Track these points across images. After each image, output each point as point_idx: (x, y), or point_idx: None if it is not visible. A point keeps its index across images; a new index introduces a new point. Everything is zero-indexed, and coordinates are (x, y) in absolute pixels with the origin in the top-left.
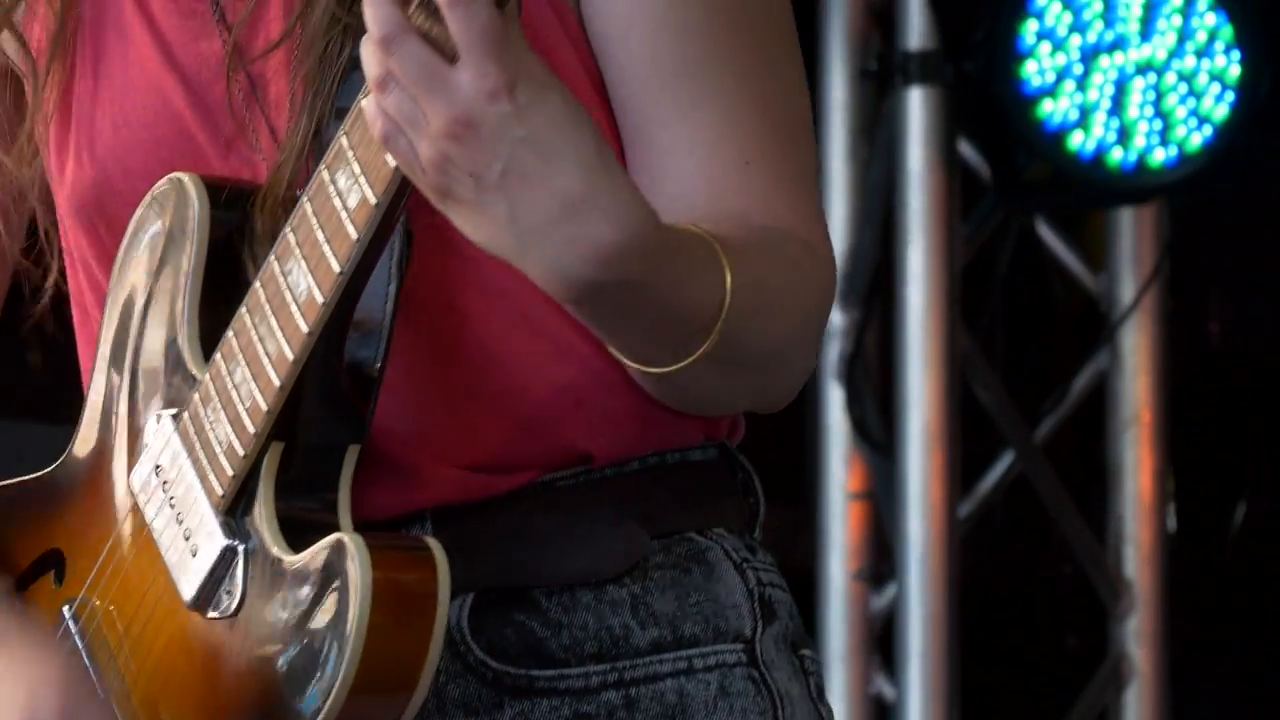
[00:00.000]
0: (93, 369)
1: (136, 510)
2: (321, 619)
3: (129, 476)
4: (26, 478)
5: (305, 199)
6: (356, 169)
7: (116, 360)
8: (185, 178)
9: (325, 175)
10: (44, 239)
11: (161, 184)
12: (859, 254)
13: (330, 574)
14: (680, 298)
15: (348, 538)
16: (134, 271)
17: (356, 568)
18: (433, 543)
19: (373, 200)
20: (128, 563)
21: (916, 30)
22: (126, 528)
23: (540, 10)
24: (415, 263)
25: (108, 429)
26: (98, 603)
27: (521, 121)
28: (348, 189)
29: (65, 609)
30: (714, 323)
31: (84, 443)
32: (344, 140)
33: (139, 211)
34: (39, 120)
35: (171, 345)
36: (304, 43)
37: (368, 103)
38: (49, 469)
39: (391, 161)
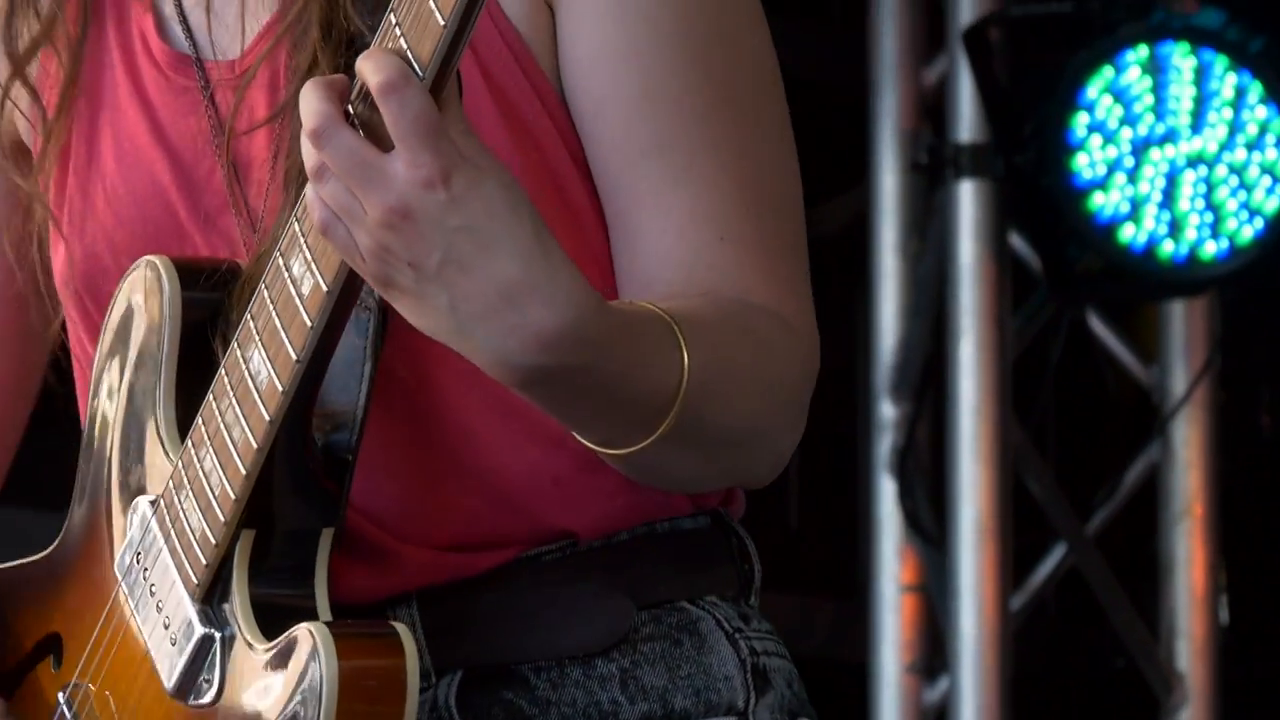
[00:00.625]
0: (80, 448)
1: (121, 596)
2: (294, 708)
3: (113, 561)
4: (27, 559)
5: (263, 285)
6: (308, 255)
7: (100, 442)
8: (158, 260)
9: (280, 261)
10: (44, 291)
11: (135, 266)
12: (910, 347)
13: (299, 663)
14: (633, 378)
15: (313, 627)
16: (113, 354)
17: (322, 657)
18: (400, 627)
19: (324, 287)
20: (116, 648)
21: (967, 123)
22: (113, 613)
23: (519, 86)
24: (389, 342)
25: (95, 511)
26: (91, 687)
27: (458, 210)
28: (301, 276)
29: (60, 695)
30: (672, 403)
31: (75, 524)
32: (296, 226)
33: (117, 293)
34: (41, 177)
35: (148, 429)
36: (288, 129)
37: (308, 191)
38: (48, 550)
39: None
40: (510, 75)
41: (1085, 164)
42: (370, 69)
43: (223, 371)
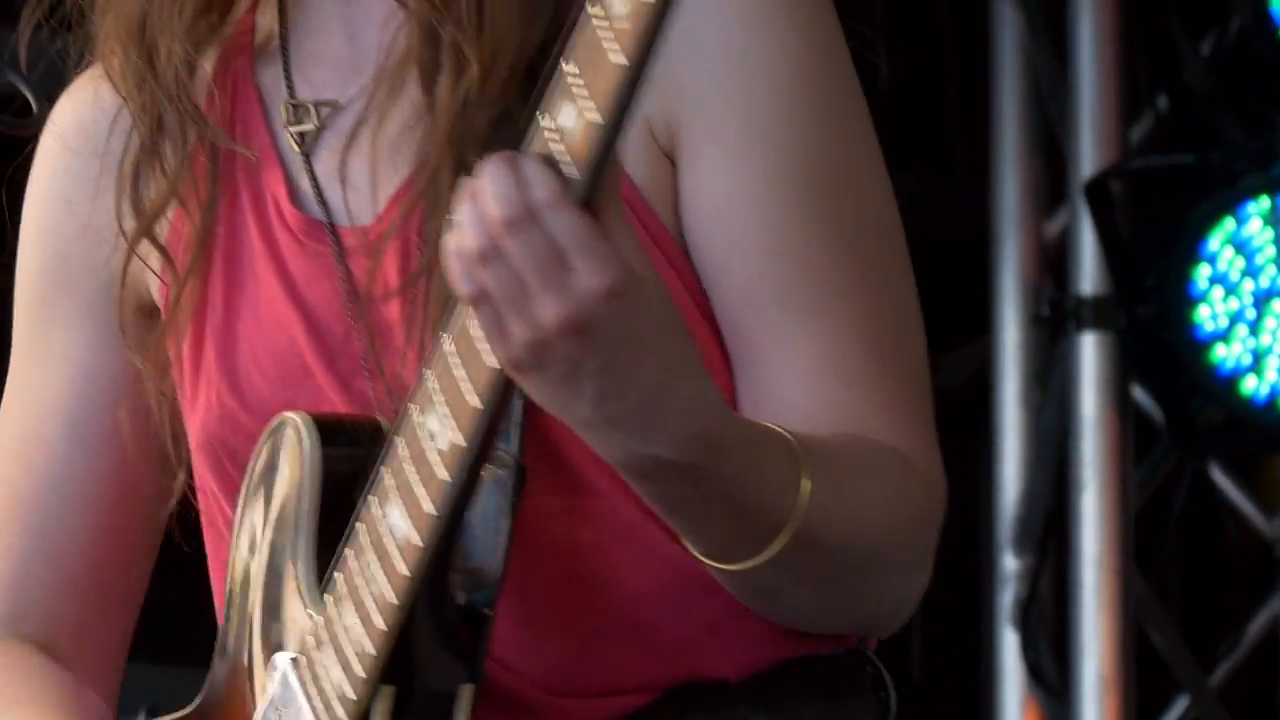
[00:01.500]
0: (223, 605)
1: None
2: None
3: (255, 718)
4: (171, 716)
5: (400, 439)
6: (445, 411)
7: (241, 598)
8: (298, 416)
9: (416, 416)
10: (169, 453)
11: (274, 422)
12: (1032, 499)
13: None
14: (750, 487)
15: None
16: (254, 510)
17: None
18: None
19: (463, 444)
20: None
21: (1089, 276)
22: None
23: (639, 236)
24: (540, 506)
25: (236, 666)
26: None
27: (628, 320)
28: (439, 431)
29: None
30: (787, 520)
31: (217, 680)
32: (430, 381)
33: (257, 450)
34: (172, 337)
35: (288, 585)
36: (422, 294)
37: (450, 261)
38: (191, 706)
39: (477, 404)
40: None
41: (1207, 316)
42: (533, 179)
43: (361, 527)
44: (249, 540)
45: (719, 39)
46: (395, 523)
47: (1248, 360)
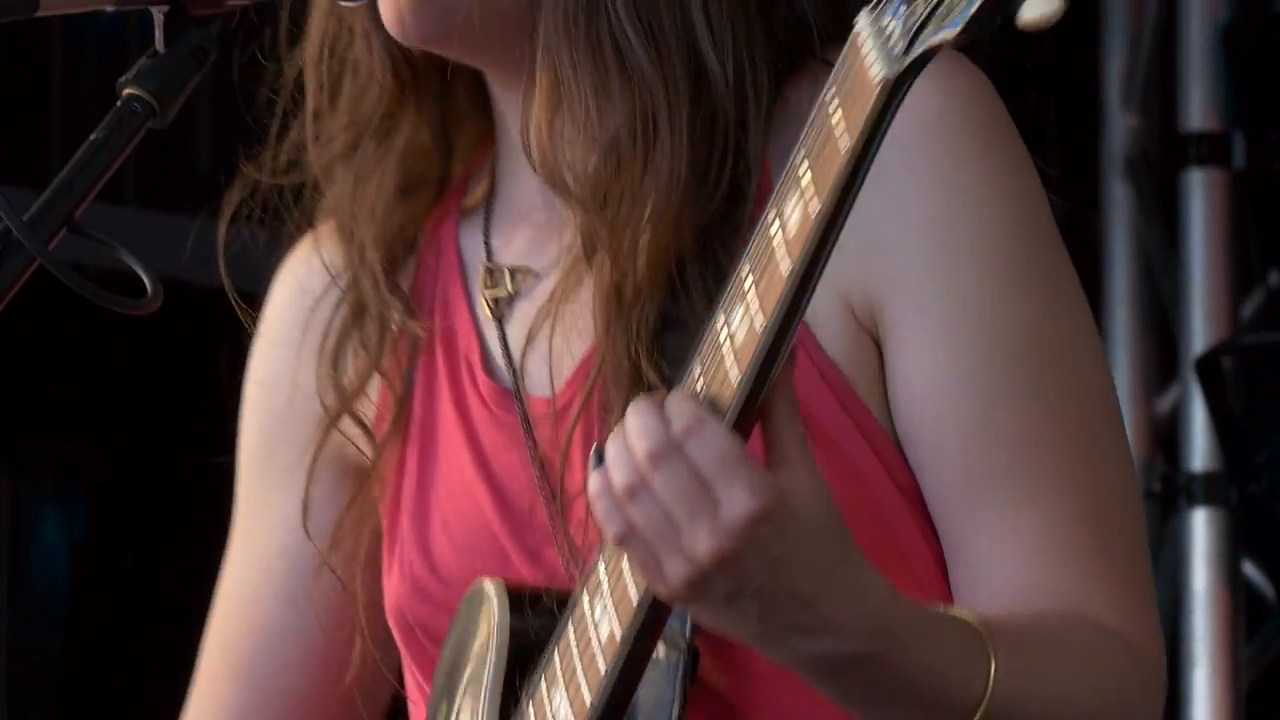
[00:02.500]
0: None
1: None
2: None
3: None
4: None
5: (569, 624)
6: (608, 600)
7: None
8: (490, 585)
9: (585, 602)
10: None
11: (470, 590)
12: None
13: None
14: (932, 674)
15: None
16: (449, 681)
17: None
18: None
19: (619, 634)
20: None
21: (1200, 452)
22: None
23: (839, 422)
24: (701, 681)
25: None
26: None
27: (779, 539)
28: (600, 618)
29: None
30: (975, 706)
31: None
32: (601, 569)
33: (455, 618)
34: (370, 504)
35: None
36: None
37: (597, 501)
38: None
39: (636, 597)
40: (829, 412)
41: None
42: (672, 413)
43: (530, 707)
44: (445, 708)
45: (917, 211)
46: (559, 706)
47: None
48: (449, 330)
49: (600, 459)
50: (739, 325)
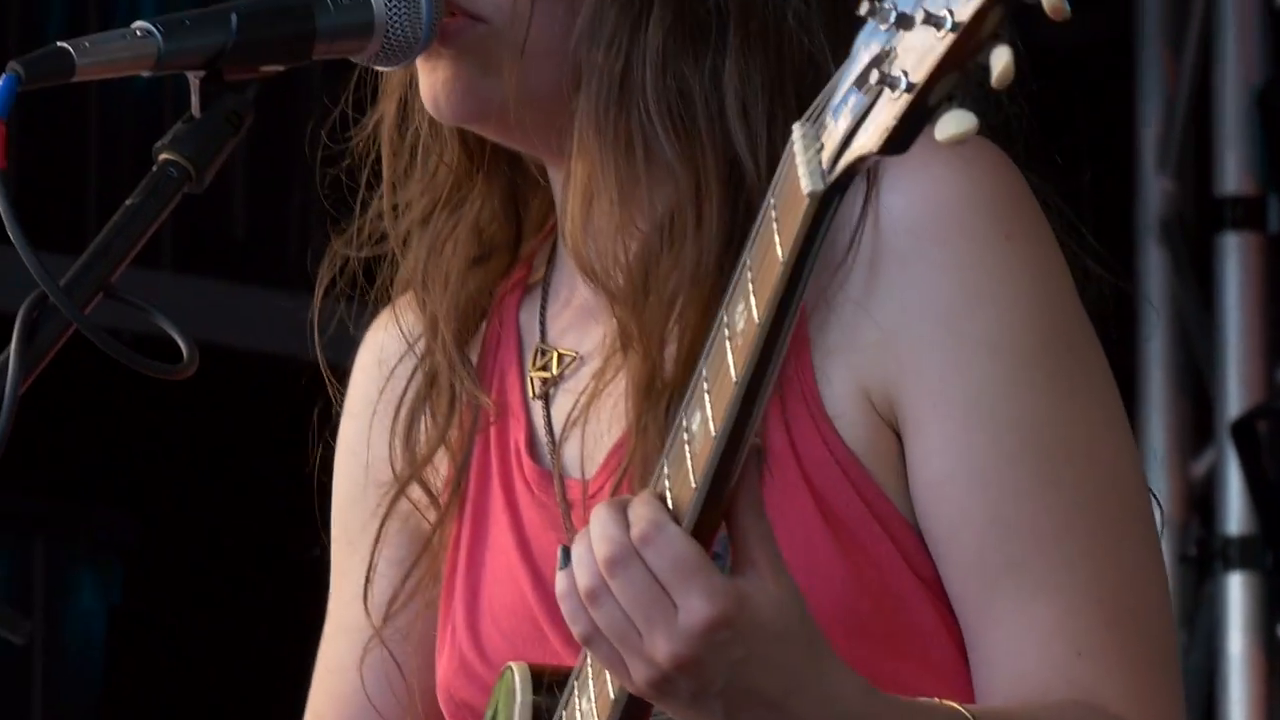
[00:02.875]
0: None
1: None
2: None
3: None
4: None
5: (562, 715)
6: (592, 693)
7: None
8: (515, 667)
9: (575, 692)
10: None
11: (501, 672)
12: None
13: None
14: None
15: None
16: None
17: None
18: None
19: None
20: None
21: (1235, 515)
22: None
23: (855, 510)
24: None
25: None
26: None
27: (740, 643)
28: (587, 710)
29: None
30: None
31: None
32: (586, 661)
33: (489, 700)
34: (427, 581)
35: None
36: None
37: (563, 601)
38: None
39: (613, 692)
40: (847, 501)
41: None
42: (632, 518)
43: None
44: None
45: (935, 303)
46: None
47: None
48: (503, 407)
49: (567, 559)
50: (697, 429)
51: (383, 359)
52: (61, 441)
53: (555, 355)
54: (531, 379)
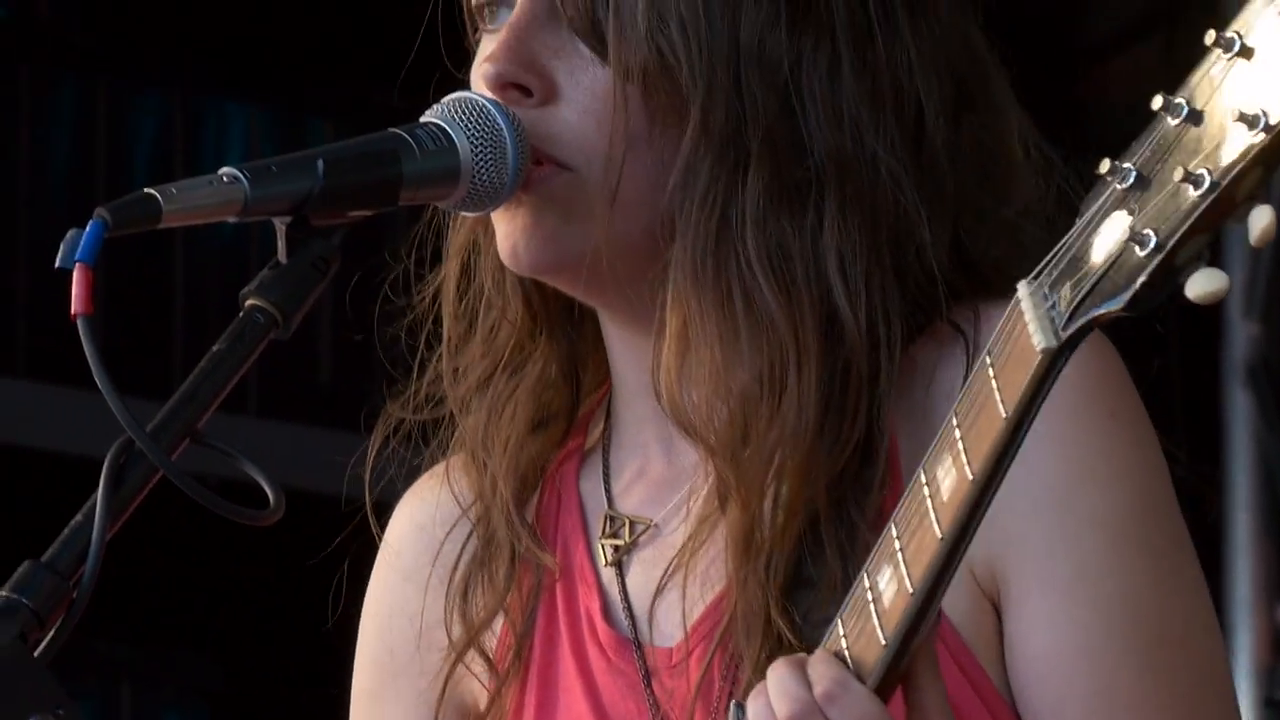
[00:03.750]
0: None
1: None
2: None
3: None
4: None
5: None
6: None
7: None
8: None
9: None
10: None
11: None
12: None
13: None
14: None
15: None
16: None
17: None
18: None
19: None
20: None
21: None
22: None
23: (957, 684)
24: None
25: None
26: None
27: None
28: None
29: None
30: None
31: None
32: None
33: None
34: None
35: None
36: (723, 717)
37: None
38: None
39: None
40: (950, 676)
41: None
42: (814, 676)
43: None
44: None
45: (1041, 481)
46: None
47: None
48: (569, 573)
49: (741, 714)
50: (886, 587)
51: (436, 519)
52: (148, 586)
53: (627, 523)
54: (602, 546)
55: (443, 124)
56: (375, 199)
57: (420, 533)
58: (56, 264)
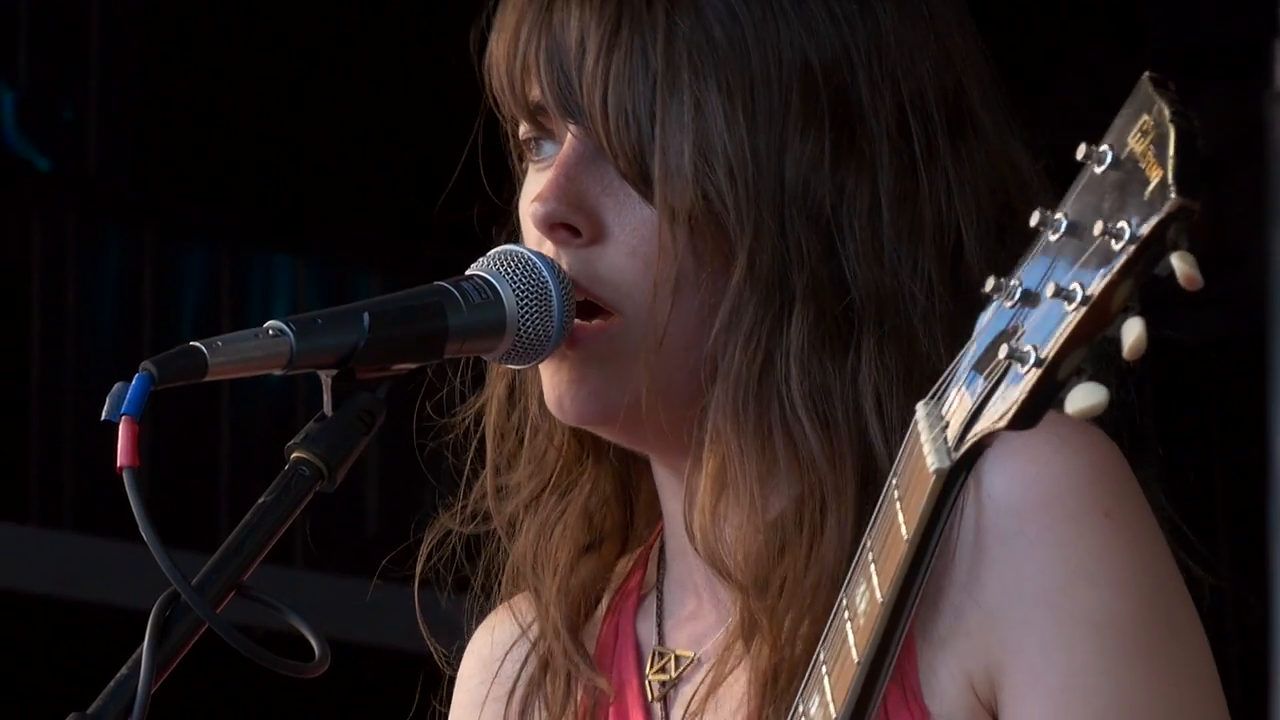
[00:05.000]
0: None
1: None
2: None
3: None
4: None
5: None
6: None
7: None
8: None
9: None
10: None
11: None
12: None
13: None
14: None
15: None
16: None
17: None
18: None
19: None
20: None
21: None
22: None
23: None
24: None
25: None
26: None
27: None
28: None
29: None
30: None
31: None
32: None
33: None
34: None
35: None
36: None
37: None
38: None
39: None
40: None
41: None
42: None
43: None
44: None
45: (1035, 582)
46: None
47: None
48: (624, 710)
49: None
50: (816, 712)
51: (493, 650)
52: None
53: (673, 657)
54: (650, 682)
55: (489, 277)
56: (420, 352)
57: (481, 663)
58: (103, 416)
